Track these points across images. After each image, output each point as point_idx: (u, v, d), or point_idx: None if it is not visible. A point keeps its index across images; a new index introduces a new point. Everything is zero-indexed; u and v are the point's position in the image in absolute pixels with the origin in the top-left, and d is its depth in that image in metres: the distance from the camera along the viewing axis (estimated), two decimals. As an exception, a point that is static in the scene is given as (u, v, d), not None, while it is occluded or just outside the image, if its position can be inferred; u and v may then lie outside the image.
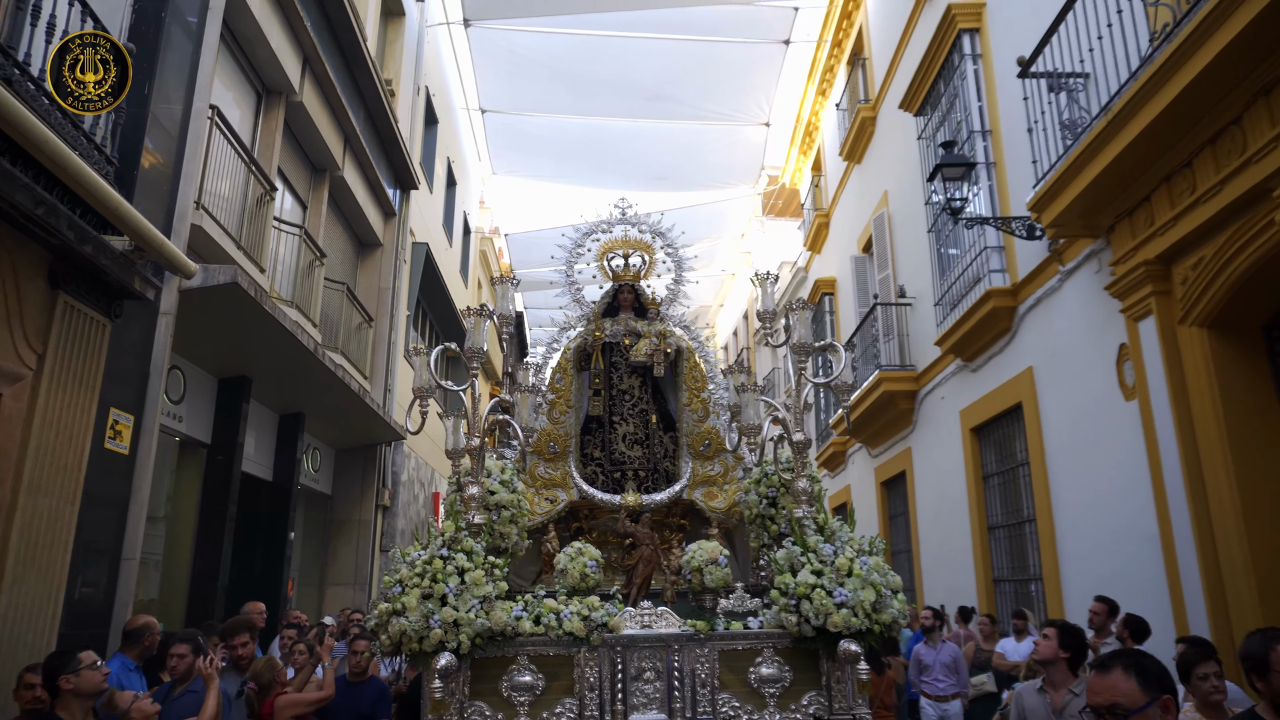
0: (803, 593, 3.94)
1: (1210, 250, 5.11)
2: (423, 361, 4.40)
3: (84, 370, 4.61)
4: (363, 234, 11.34)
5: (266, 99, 8.18)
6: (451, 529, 4.10)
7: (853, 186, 14.41)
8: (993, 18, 8.59)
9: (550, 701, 3.92)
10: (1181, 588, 5.42)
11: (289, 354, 7.33)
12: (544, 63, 15.39)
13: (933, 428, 10.68)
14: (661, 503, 5.19)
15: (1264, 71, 4.39)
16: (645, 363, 5.46)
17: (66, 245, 4.24)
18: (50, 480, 4.33)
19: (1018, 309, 8.03)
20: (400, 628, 3.76)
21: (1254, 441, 5.11)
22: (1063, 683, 3.72)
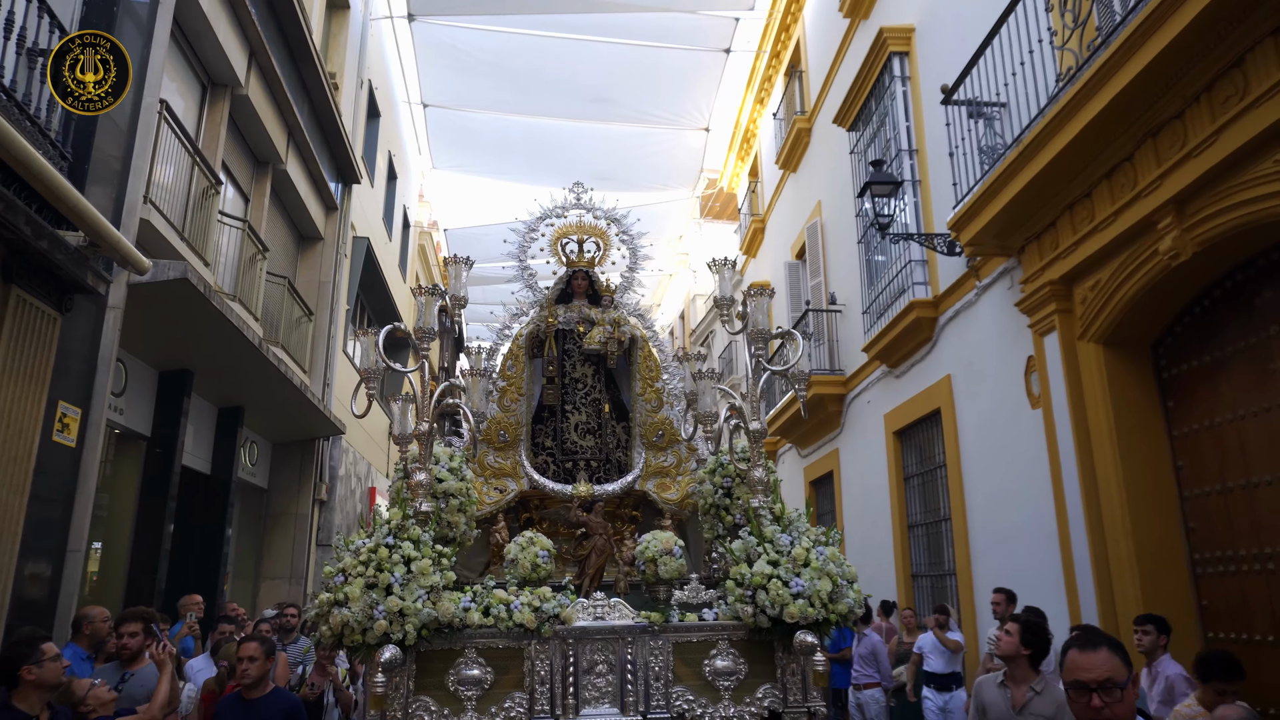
0: (759, 583, 3.87)
1: (1105, 274, 5.62)
2: (370, 342, 4.23)
3: (35, 364, 4.66)
4: (304, 227, 11.32)
5: (211, 91, 8.17)
6: (398, 516, 3.94)
7: (788, 194, 14.88)
8: (921, 43, 9.09)
9: (499, 696, 3.79)
10: (1075, 580, 5.94)
11: (232, 349, 7.37)
12: (487, 60, 15.47)
13: (859, 430, 11.19)
14: (614, 493, 5.09)
15: (1153, 115, 4.89)
16: (599, 351, 5.36)
17: (21, 240, 4.30)
18: (1, 473, 4.38)
19: (939, 320, 8.53)
20: (343, 619, 3.60)
21: (1140, 448, 5.64)
22: (1024, 679, 3.69)
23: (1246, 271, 4.96)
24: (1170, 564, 5.47)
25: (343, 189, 12.22)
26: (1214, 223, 4.66)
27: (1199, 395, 5.42)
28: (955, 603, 8.24)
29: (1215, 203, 4.62)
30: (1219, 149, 4.47)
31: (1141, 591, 5.40)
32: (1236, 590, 5.10)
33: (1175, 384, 5.65)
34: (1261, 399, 4.87)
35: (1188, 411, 5.53)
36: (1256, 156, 4.31)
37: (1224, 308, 5.19)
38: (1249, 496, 4.98)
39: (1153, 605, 5.38)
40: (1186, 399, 5.54)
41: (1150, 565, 5.46)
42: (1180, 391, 5.61)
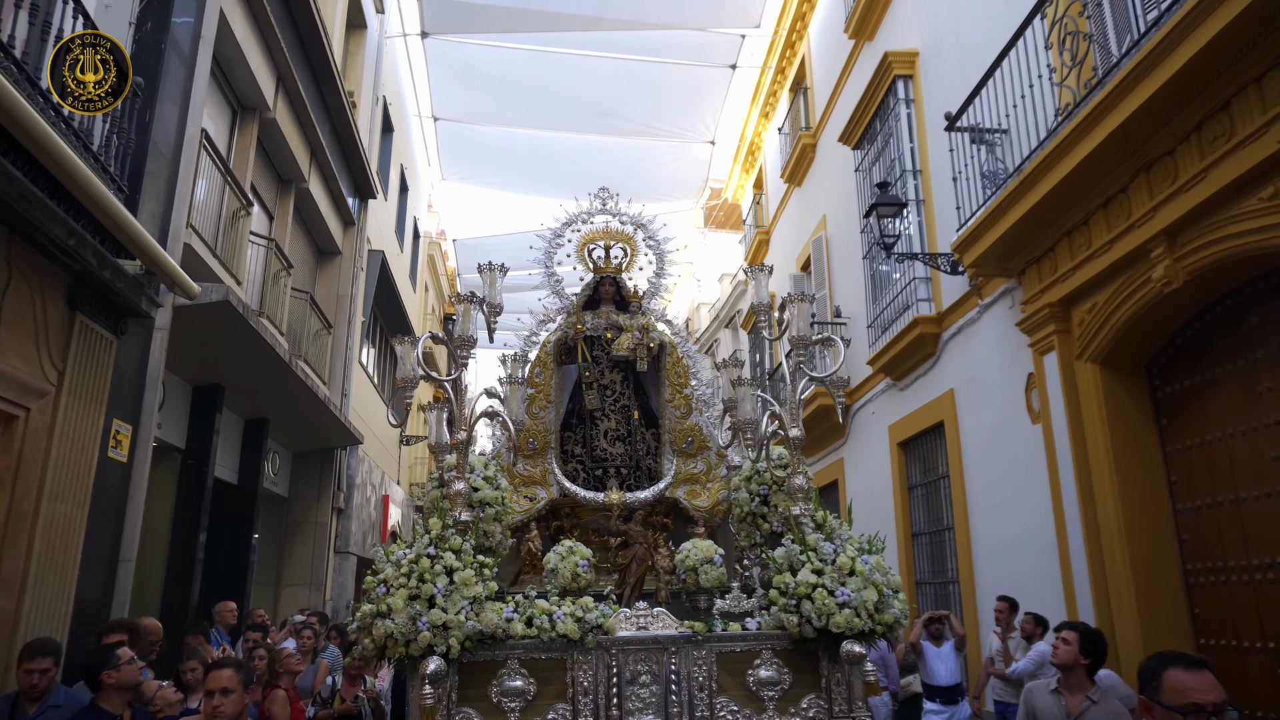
0: (804, 593, 3.81)
1: (1102, 298, 5.92)
2: (407, 351, 4.19)
3: (95, 385, 4.96)
4: (323, 242, 11.63)
5: (241, 115, 8.48)
6: (438, 526, 3.88)
7: (793, 207, 15.18)
8: (925, 66, 9.39)
9: (542, 707, 3.74)
10: (1074, 588, 6.22)
11: (263, 364, 7.67)
12: (497, 76, 15.80)
13: (864, 440, 11.47)
14: (645, 501, 5.03)
15: (1146, 151, 5.19)
16: (627, 357, 5.29)
17: (88, 270, 4.60)
18: (66, 488, 4.68)
19: (942, 335, 8.82)
20: (386, 630, 3.55)
21: (1135, 464, 5.93)
22: (1079, 688, 3.62)
23: (1235, 298, 5.26)
24: (1164, 574, 5.76)
25: (360, 204, 12.54)
26: (1204, 253, 4.96)
27: (1191, 414, 5.71)
28: (959, 610, 8.52)
29: (1205, 235, 4.91)
30: (1208, 185, 4.77)
31: (1136, 600, 5.69)
32: (1226, 599, 5.39)
33: (1168, 403, 5.95)
34: (1249, 418, 5.17)
35: (1180, 429, 5.82)
36: (1243, 193, 4.61)
37: (1214, 331, 5.49)
38: (1237, 510, 5.27)
39: (1147, 614, 5.69)
40: (1179, 417, 5.84)
41: (1145, 575, 5.74)
42: (1173, 410, 5.90)
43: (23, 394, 4.30)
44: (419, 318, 19.16)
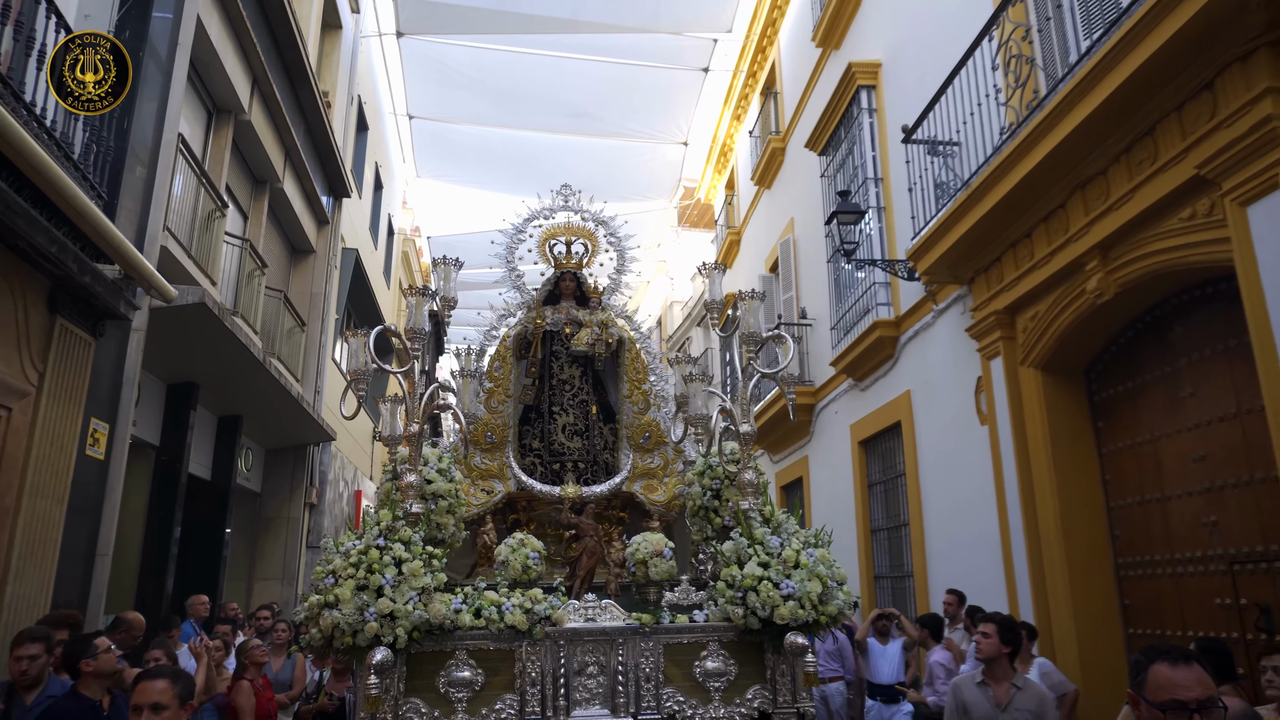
0: (749, 585, 3.88)
1: (1043, 307, 6.25)
2: (360, 343, 4.18)
3: (74, 385, 5.12)
4: (297, 241, 11.74)
5: (217, 117, 8.61)
6: (388, 518, 3.87)
7: (763, 209, 15.48)
8: (887, 77, 9.70)
9: (490, 698, 3.77)
10: (1015, 581, 6.56)
11: (237, 363, 7.82)
12: (472, 75, 15.94)
13: (827, 439, 11.80)
14: (602, 494, 5.08)
15: (1081, 170, 5.51)
16: (586, 352, 5.35)
17: (68, 275, 4.77)
18: (46, 484, 4.85)
19: (900, 339, 9.14)
20: (333, 621, 3.55)
21: (1073, 463, 6.27)
22: (1004, 676, 3.73)
23: (1162, 310, 5.60)
24: (1097, 567, 6.11)
25: (334, 203, 12.65)
26: (1132, 267, 5.29)
27: (1124, 417, 6.06)
28: (913, 604, 8.86)
29: (1133, 250, 5.24)
30: (1135, 204, 5.09)
31: (1071, 592, 6.03)
32: (1153, 591, 5.74)
33: (1104, 406, 6.29)
34: (1173, 422, 5.51)
35: (1114, 431, 6.17)
36: (1166, 213, 4.93)
37: (1144, 340, 5.83)
38: (1163, 508, 5.62)
39: (1081, 605, 6.03)
40: (1114, 420, 6.18)
41: (1080, 568, 6.09)
42: (1109, 413, 6.25)
43: (5, 394, 4.47)
44: (392, 313, 19.26)
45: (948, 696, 4.08)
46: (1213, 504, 5.18)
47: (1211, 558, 5.19)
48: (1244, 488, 4.90)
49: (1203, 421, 5.26)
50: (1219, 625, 5.11)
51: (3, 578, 4.45)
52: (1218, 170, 4.41)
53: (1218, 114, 4.39)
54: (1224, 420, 5.07)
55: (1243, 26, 4.13)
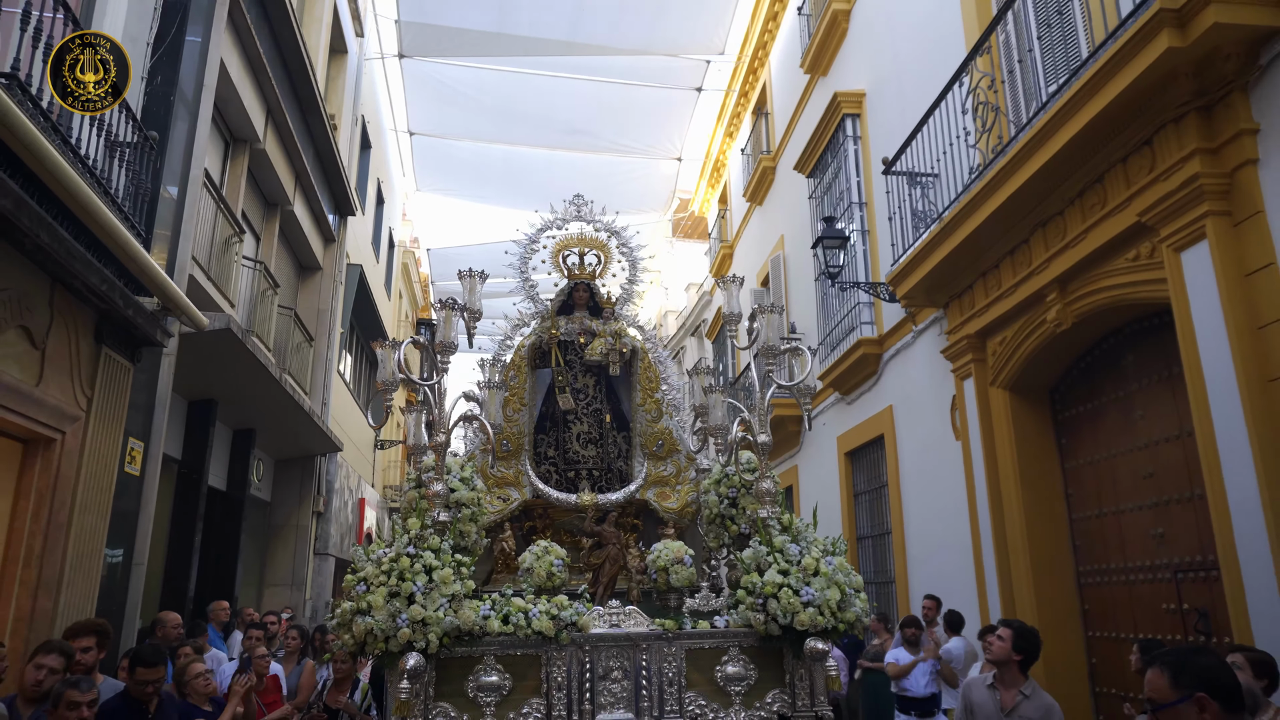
0: (770, 592, 3.93)
1: (1010, 333, 6.74)
2: (388, 354, 4.26)
3: (116, 408, 5.57)
4: (305, 259, 12.19)
5: (233, 147, 9.06)
6: (416, 526, 3.96)
7: (754, 225, 15.97)
8: (871, 105, 10.20)
9: (517, 702, 3.83)
10: (985, 586, 7.04)
11: (254, 380, 8.26)
12: (471, 95, 16.42)
13: (816, 449, 12.28)
14: (617, 502, 5.16)
15: (1042, 210, 6.00)
16: (600, 362, 5.43)
17: (113, 309, 5.22)
18: (93, 501, 5.29)
19: (883, 356, 9.63)
20: (366, 627, 3.63)
21: (1037, 478, 6.76)
22: (1013, 683, 3.76)
23: (1116, 338, 6.09)
24: (1059, 574, 6.59)
25: (340, 221, 13.10)
26: (1087, 300, 5.78)
27: (1084, 435, 6.55)
28: (895, 607, 9.33)
29: (1088, 285, 5.74)
30: (1089, 243, 5.59)
31: (1035, 597, 6.51)
32: (1109, 597, 6.23)
33: (1067, 425, 6.78)
34: (1127, 442, 6.00)
35: (1076, 448, 6.66)
36: (1114, 253, 5.43)
37: (1101, 366, 6.32)
38: (1117, 520, 6.11)
39: (1045, 609, 6.51)
40: (1075, 438, 6.67)
41: (1043, 575, 6.57)
42: (1071, 431, 6.73)
43: (60, 420, 4.92)
44: (393, 324, 19.70)
45: (959, 695, 4.16)
46: (1160, 517, 5.67)
47: (1159, 566, 5.67)
48: (1186, 503, 5.39)
49: (1151, 442, 5.75)
50: (1165, 629, 5.59)
51: (57, 586, 4.89)
52: (1156, 218, 4.90)
53: (1156, 168, 4.89)
54: (1169, 441, 5.55)
55: (1175, 92, 4.62)
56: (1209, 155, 4.59)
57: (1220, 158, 4.58)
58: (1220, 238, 4.53)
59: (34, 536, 4.75)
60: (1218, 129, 4.60)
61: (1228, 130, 4.53)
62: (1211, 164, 4.58)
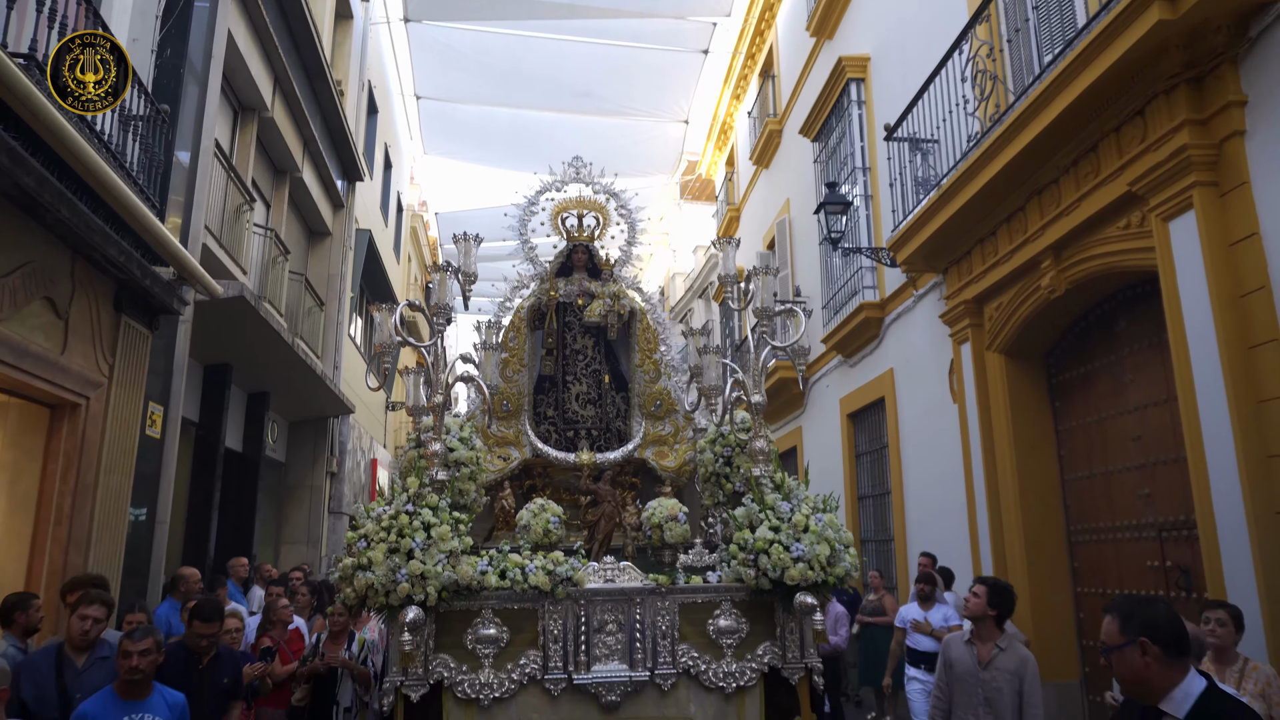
0: (761, 548, 3.99)
1: (1006, 298, 6.86)
2: (385, 317, 4.30)
3: (136, 374, 5.78)
4: (314, 225, 12.34)
5: (242, 116, 9.16)
6: (415, 485, 4.03)
7: (761, 188, 15.99)
8: (875, 70, 10.19)
9: (515, 653, 3.94)
10: (978, 544, 7.25)
11: (267, 344, 8.46)
12: (478, 58, 16.39)
13: (819, 411, 12.47)
14: (615, 461, 5.23)
15: (1038, 178, 6.09)
16: (599, 323, 5.48)
17: (131, 279, 5.41)
18: (117, 463, 5.53)
19: (884, 320, 9.76)
20: (367, 582, 3.73)
21: (1031, 440, 6.92)
22: (989, 637, 3.90)
23: (1109, 304, 6.21)
24: (1051, 534, 6.78)
25: (348, 186, 13.21)
26: (1080, 267, 5.89)
27: (1077, 399, 6.70)
28: (894, 565, 9.57)
29: (1081, 252, 5.84)
30: (1082, 211, 5.68)
31: (1026, 555, 6.72)
32: (1097, 555, 6.43)
33: (1061, 388, 6.93)
34: (1116, 405, 6.15)
35: (1070, 411, 6.81)
36: (1106, 222, 5.53)
37: (1094, 331, 6.45)
38: (1106, 481, 6.28)
39: (1035, 566, 6.71)
40: (1069, 401, 6.82)
41: (1035, 534, 6.76)
42: (1065, 395, 6.88)
43: (85, 386, 5.13)
44: (402, 287, 19.88)
45: (939, 652, 4.29)
46: (1146, 478, 5.84)
47: (1144, 525, 5.85)
48: (1171, 464, 5.55)
49: (1140, 405, 5.90)
50: (1149, 584, 5.79)
51: (86, 544, 5.15)
52: (1146, 188, 4.99)
53: (1147, 138, 4.97)
54: (1157, 405, 5.70)
55: (1166, 64, 4.69)
56: (1198, 126, 4.67)
57: (1209, 129, 4.66)
58: (1206, 208, 4.63)
59: (63, 496, 4.99)
60: (1207, 100, 4.67)
61: (1217, 102, 4.61)
62: (1200, 135, 4.66)
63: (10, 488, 4.96)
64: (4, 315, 4.28)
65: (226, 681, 4.23)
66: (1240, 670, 3.87)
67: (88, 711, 3.38)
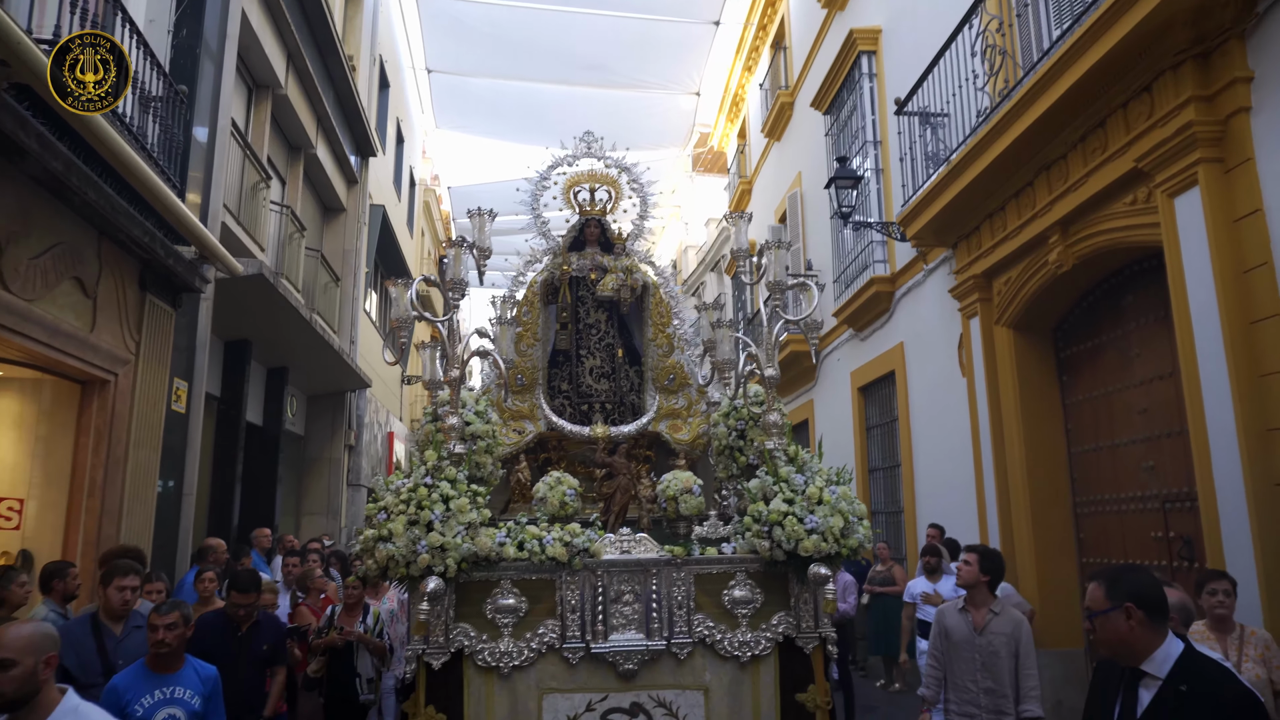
0: (775, 520, 4.03)
1: (1015, 273, 6.91)
2: (400, 293, 4.33)
3: (161, 351, 5.95)
4: (329, 201, 12.45)
5: (256, 93, 9.25)
6: (433, 458, 4.08)
7: (772, 161, 15.95)
8: (887, 42, 10.15)
9: (533, 623, 4.01)
10: (986, 516, 7.37)
11: (285, 320, 8.62)
12: (488, 31, 16.35)
13: (830, 384, 12.56)
14: (629, 435, 5.27)
15: (1046, 154, 6.11)
16: (612, 297, 5.50)
17: (156, 259, 5.55)
18: (145, 437, 5.72)
19: (895, 294, 9.81)
20: (388, 553, 3.79)
21: (1039, 413, 7.00)
22: (983, 603, 3.97)
23: (1116, 279, 6.25)
24: (1057, 505, 6.89)
25: (361, 162, 13.30)
26: (1087, 243, 5.93)
27: (1084, 373, 6.77)
28: (903, 537, 9.71)
29: (1088, 228, 5.88)
30: (1089, 187, 5.72)
31: (1033, 527, 6.83)
32: (1101, 527, 6.53)
33: (1069, 362, 6.99)
34: (1123, 379, 6.22)
35: (1077, 385, 6.88)
36: (1113, 197, 5.57)
37: (1102, 306, 6.50)
38: (1112, 454, 6.37)
39: (1041, 537, 6.83)
40: (1076, 375, 6.89)
41: (1041, 506, 6.87)
42: (1073, 369, 6.95)
43: (113, 363, 5.30)
44: (416, 262, 20.00)
45: (933, 621, 4.35)
46: (1151, 451, 5.92)
47: (1148, 497, 5.95)
48: (1175, 437, 5.62)
49: (1146, 379, 5.97)
50: (1153, 555, 5.90)
51: (118, 515, 5.34)
52: (1152, 164, 5.03)
53: (1154, 114, 5.00)
54: (1162, 379, 5.77)
55: (1173, 39, 4.71)
56: (1204, 103, 4.70)
57: (1215, 105, 4.69)
58: (1211, 184, 4.67)
59: (95, 469, 5.18)
60: (1214, 76, 4.70)
61: (1223, 78, 4.63)
62: (1206, 111, 4.69)
63: (45, 461, 5.16)
64: (36, 295, 4.43)
65: (267, 649, 4.37)
66: (1240, 637, 3.97)
67: (119, 684, 3.42)
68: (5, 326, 4.18)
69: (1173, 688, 2.18)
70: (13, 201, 4.23)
